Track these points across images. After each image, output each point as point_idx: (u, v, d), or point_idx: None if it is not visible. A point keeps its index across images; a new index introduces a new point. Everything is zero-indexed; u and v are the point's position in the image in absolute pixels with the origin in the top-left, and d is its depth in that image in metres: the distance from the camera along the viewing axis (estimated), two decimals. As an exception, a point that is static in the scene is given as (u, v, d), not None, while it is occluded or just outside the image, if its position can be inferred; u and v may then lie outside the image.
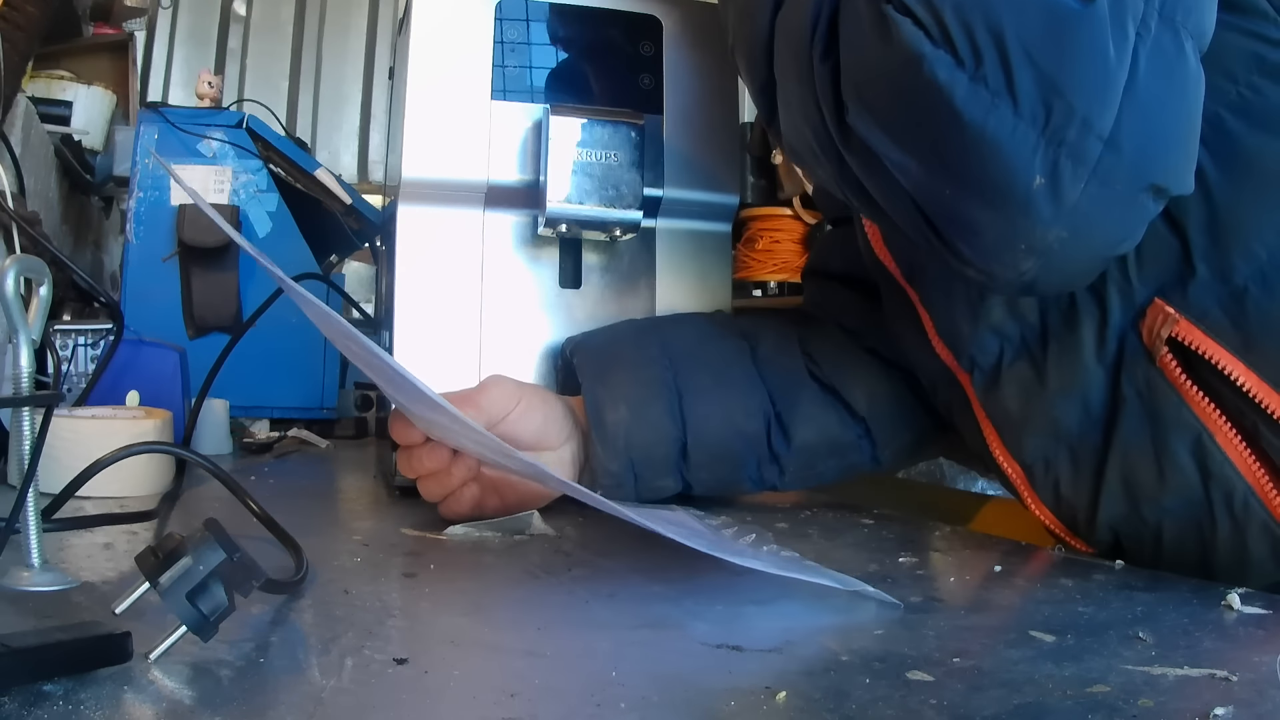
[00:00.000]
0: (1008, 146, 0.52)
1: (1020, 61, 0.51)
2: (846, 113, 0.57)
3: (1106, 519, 0.72)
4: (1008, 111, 0.51)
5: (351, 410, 1.48)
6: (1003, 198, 0.54)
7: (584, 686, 0.44)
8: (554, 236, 0.95)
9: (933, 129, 0.54)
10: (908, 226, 0.61)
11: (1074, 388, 0.69)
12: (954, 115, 0.52)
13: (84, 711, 0.38)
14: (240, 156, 1.39)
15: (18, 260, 0.56)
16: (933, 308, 0.78)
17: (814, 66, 0.58)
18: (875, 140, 0.56)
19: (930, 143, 0.55)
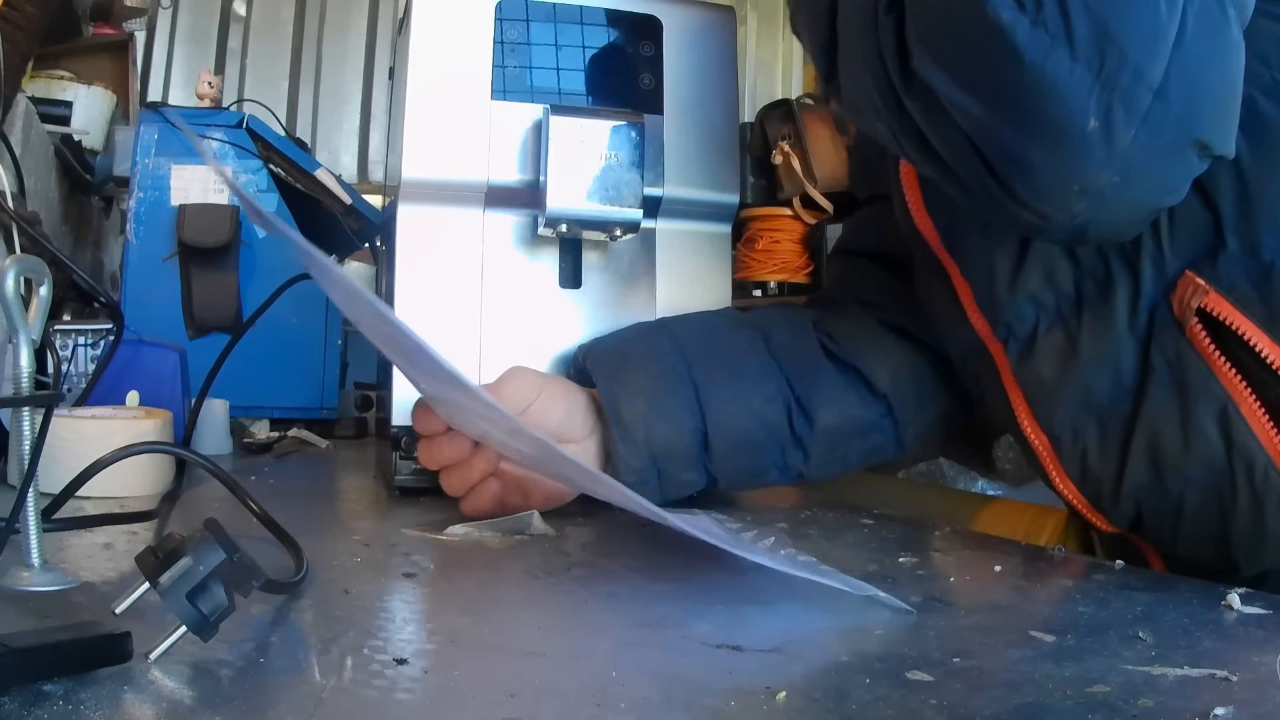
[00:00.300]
0: (1065, 88, 0.54)
1: (1078, 8, 0.53)
2: (910, 58, 0.59)
3: (1131, 489, 0.73)
4: (1065, 55, 0.53)
5: (351, 410, 1.48)
6: (1059, 138, 0.56)
7: (584, 686, 0.44)
8: (554, 236, 0.95)
9: (995, 70, 0.56)
10: (964, 170, 0.62)
11: (1106, 357, 0.70)
12: (1015, 56, 0.54)
13: (84, 711, 0.38)
14: (240, 156, 1.39)
15: (18, 260, 0.56)
16: (971, 276, 0.79)
17: (878, 18, 0.60)
18: (938, 82, 0.58)
19: (992, 83, 0.56)
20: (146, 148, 1.37)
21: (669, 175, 0.97)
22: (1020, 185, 0.59)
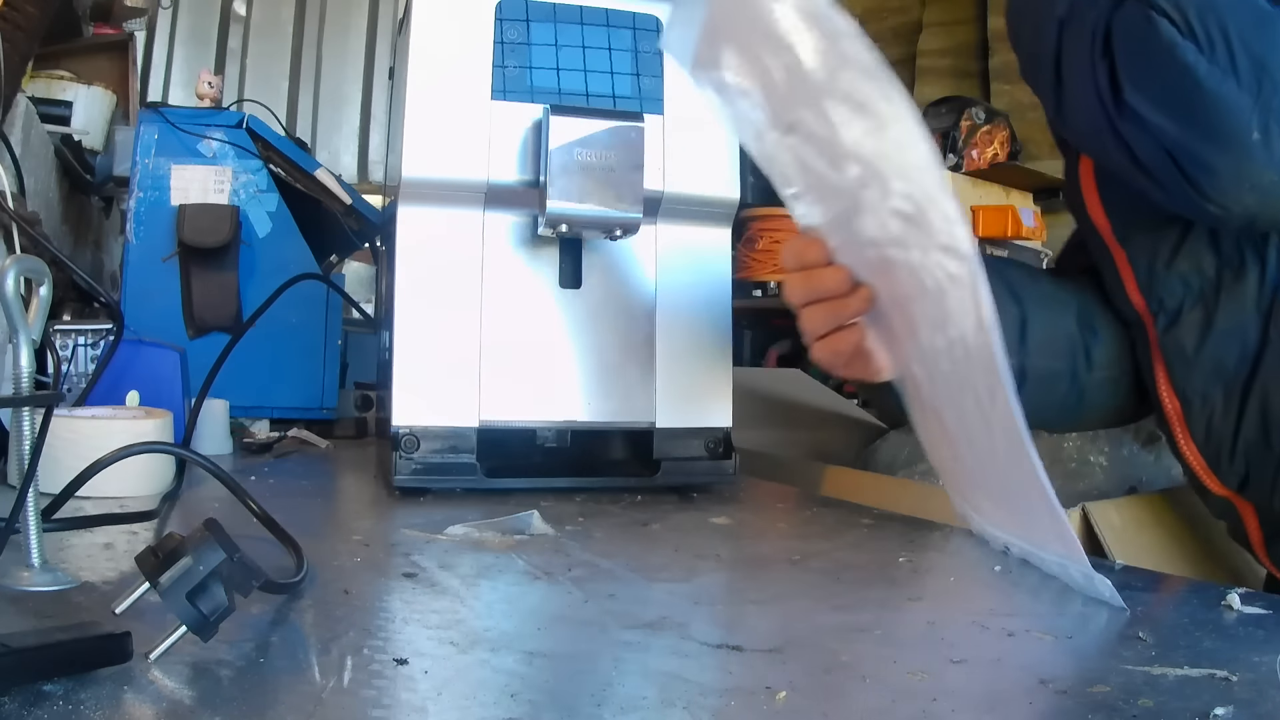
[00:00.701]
0: (1235, 109, 0.72)
1: (1240, 48, 0.71)
2: (1122, 93, 0.76)
3: (1243, 447, 0.84)
4: (1234, 84, 0.71)
5: (351, 410, 1.48)
6: (1232, 146, 0.73)
7: (584, 686, 0.44)
8: (554, 236, 0.95)
9: (1184, 97, 0.74)
10: (1164, 177, 0.78)
11: (1235, 330, 0.84)
12: (1198, 86, 0.72)
13: (84, 711, 0.38)
14: (240, 156, 1.39)
15: (18, 260, 0.56)
16: (1135, 262, 0.92)
17: (1094, 65, 0.78)
18: (1144, 109, 0.76)
19: (1183, 108, 0.74)
20: (146, 148, 1.36)
21: (669, 175, 0.97)
22: (1206, 185, 0.75)
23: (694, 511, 0.92)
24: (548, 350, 0.97)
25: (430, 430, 0.93)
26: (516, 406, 0.95)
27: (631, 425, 0.98)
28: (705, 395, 1.00)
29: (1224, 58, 0.71)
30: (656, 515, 0.89)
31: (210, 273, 1.35)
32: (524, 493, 0.94)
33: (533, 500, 0.88)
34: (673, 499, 0.97)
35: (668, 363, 0.99)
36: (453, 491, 0.94)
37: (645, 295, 1.00)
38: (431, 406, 0.94)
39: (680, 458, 0.98)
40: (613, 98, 0.97)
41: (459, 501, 0.90)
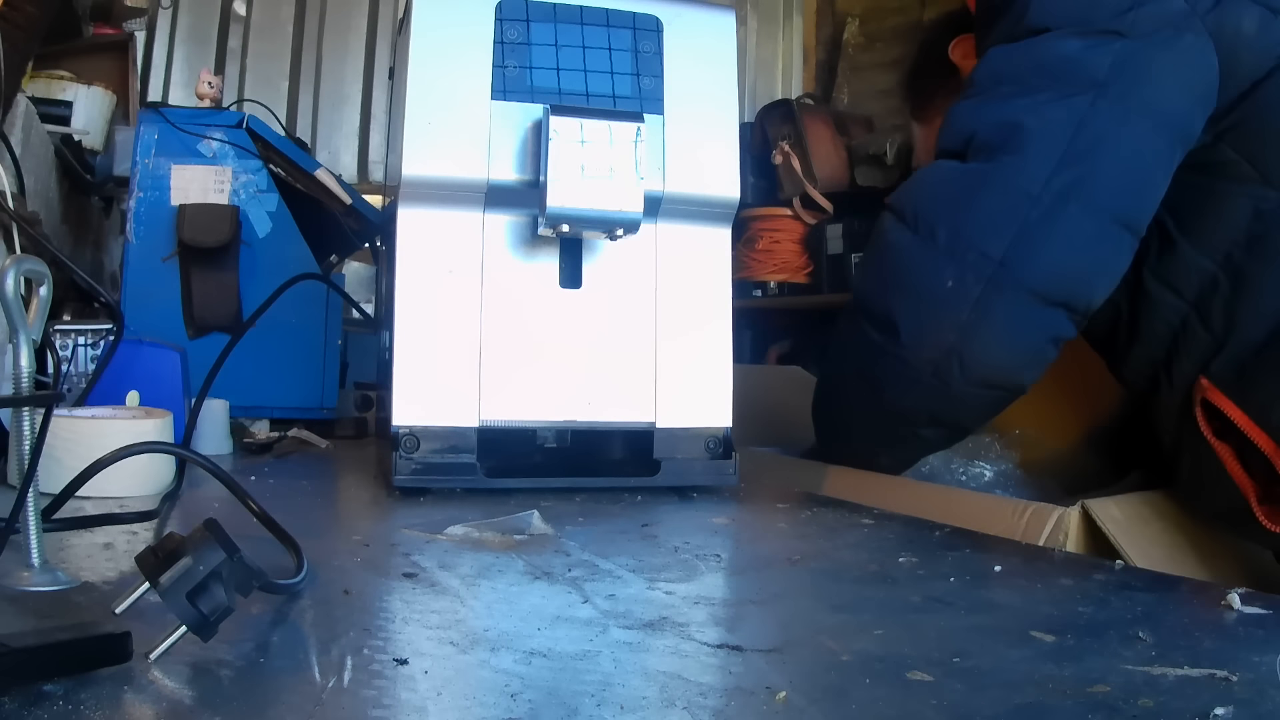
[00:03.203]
0: (931, 267, 0.91)
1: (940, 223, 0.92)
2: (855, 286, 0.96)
3: None
4: (933, 248, 0.91)
5: (351, 410, 1.48)
6: (932, 295, 0.91)
7: (584, 686, 0.44)
8: (554, 236, 0.95)
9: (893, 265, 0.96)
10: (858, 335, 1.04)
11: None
12: (902, 254, 0.95)
13: (84, 711, 0.38)
14: (240, 156, 1.39)
15: (18, 260, 0.56)
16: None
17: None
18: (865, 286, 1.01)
19: (892, 273, 0.96)
20: (146, 148, 1.36)
21: (669, 175, 0.97)
22: (905, 333, 0.92)
23: (694, 511, 0.92)
24: (548, 350, 0.97)
25: (430, 430, 0.93)
26: (516, 406, 0.95)
27: (631, 425, 0.98)
28: (705, 395, 1.00)
29: (926, 231, 0.91)
30: (656, 515, 0.89)
31: (210, 273, 1.35)
32: (524, 493, 0.94)
33: (533, 500, 0.88)
34: (673, 499, 0.97)
35: (668, 363, 0.99)
36: (453, 491, 0.94)
37: (645, 295, 1.00)
38: (431, 406, 0.94)
39: (680, 458, 0.98)
40: (613, 98, 0.97)
41: (459, 501, 0.90)
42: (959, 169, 0.91)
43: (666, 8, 1.00)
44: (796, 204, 3.20)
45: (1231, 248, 0.92)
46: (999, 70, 0.93)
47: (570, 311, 0.98)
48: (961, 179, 0.91)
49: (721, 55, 1.02)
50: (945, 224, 0.90)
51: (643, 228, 0.95)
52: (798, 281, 3.22)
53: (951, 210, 0.90)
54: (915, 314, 0.92)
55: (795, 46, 4.12)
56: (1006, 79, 0.92)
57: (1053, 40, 0.90)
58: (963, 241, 0.88)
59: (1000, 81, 0.92)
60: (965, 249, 0.88)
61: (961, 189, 0.90)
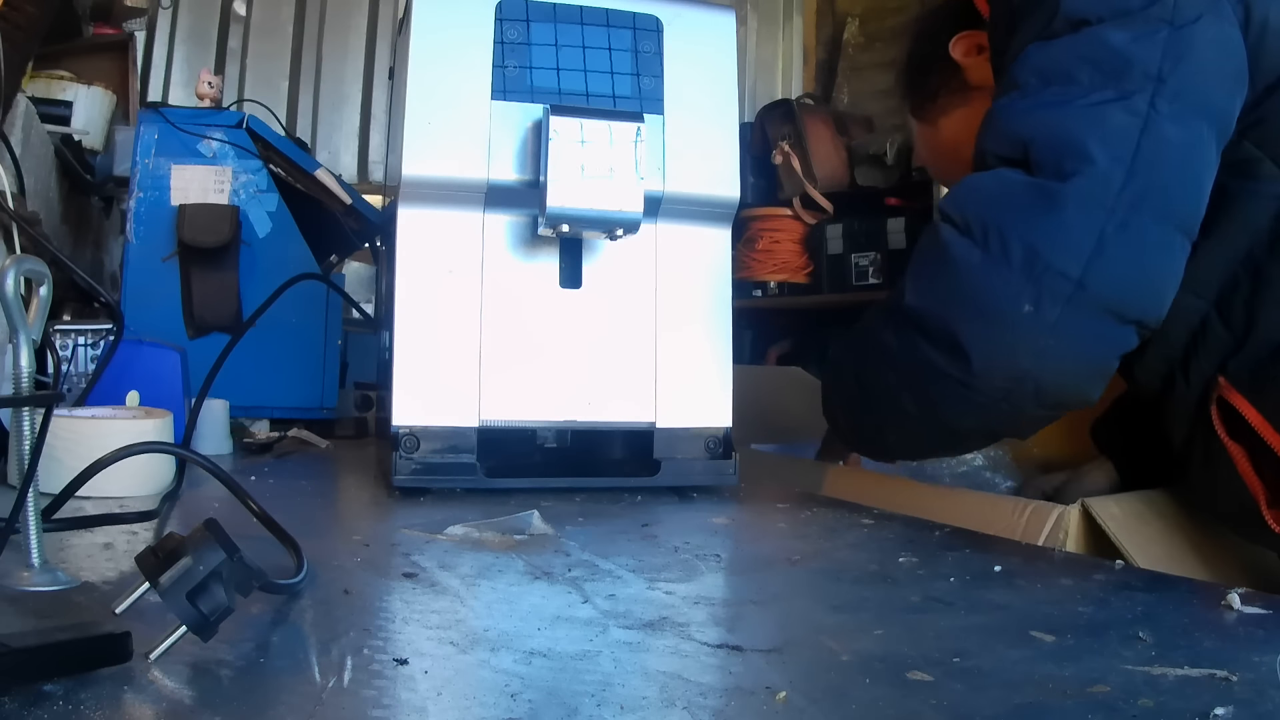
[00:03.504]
0: (1006, 290, 0.83)
1: (1013, 240, 0.83)
2: (903, 298, 0.89)
3: None
4: (1006, 269, 0.83)
5: (351, 410, 1.48)
6: (1005, 320, 0.84)
7: (584, 686, 0.44)
8: (554, 236, 0.95)
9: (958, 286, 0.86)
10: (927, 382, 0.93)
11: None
12: (970, 274, 0.85)
13: (84, 711, 0.38)
14: (240, 156, 1.39)
15: (18, 260, 0.56)
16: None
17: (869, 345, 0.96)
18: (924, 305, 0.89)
19: (957, 295, 0.87)
20: (146, 148, 1.36)
21: (669, 175, 0.97)
22: (977, 359, 0.84)
23: (694, 511, 0.92)
24: (548, 350, 0.97)
25: (430, 430, 0.93)
26: (516, 406, 0.95)
27: (631, 425, 0.98)
28: (705, 395, 1.00)
29: (998, 249, 0.83)
30: (656, 515, 0.89)
31: (210, 273, 1.35)
32: (524, 493, 0.94)
33: (533, 500, 0.88)
34: (673, 499, 0.97)
35: (668, 363, 0.99)
36: (453, 491, 0.94)
37: (645, 295, 1.00)
38: (431, 406, 0.94)
39: (680, 458, 0.98)
40: (613, 98, 0.97)
41: (459, 501, 0.90)
42: (1028, 183, 0.85)
43: (666, 8, 1.00)
44: (796, 204, 3.20)
45: (1253, 246, 0.90)
46: (1044, 68, 0.88)
47: (570, 311, 0.98)
48: (1032, 192, 0.84)
49: (721, 55, 1.02)
50: (1019, 241, 0.82)
51: (643, 228, 0.95)
52: (798, 281, 3.22)
53: (1025, 226, 0.83)
54: (988, 341, 0.85)
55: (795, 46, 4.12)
56: (1055, 78, 0.87)
57: (1098, 32, 0.86)
58: (1041, 261, 0.82)
59: (1049, 81, 0.87)
60: (1043, 270, 0.81)
61: (1033, 203, 0.84)
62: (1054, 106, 0.85)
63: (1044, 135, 0.85)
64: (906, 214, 2.98)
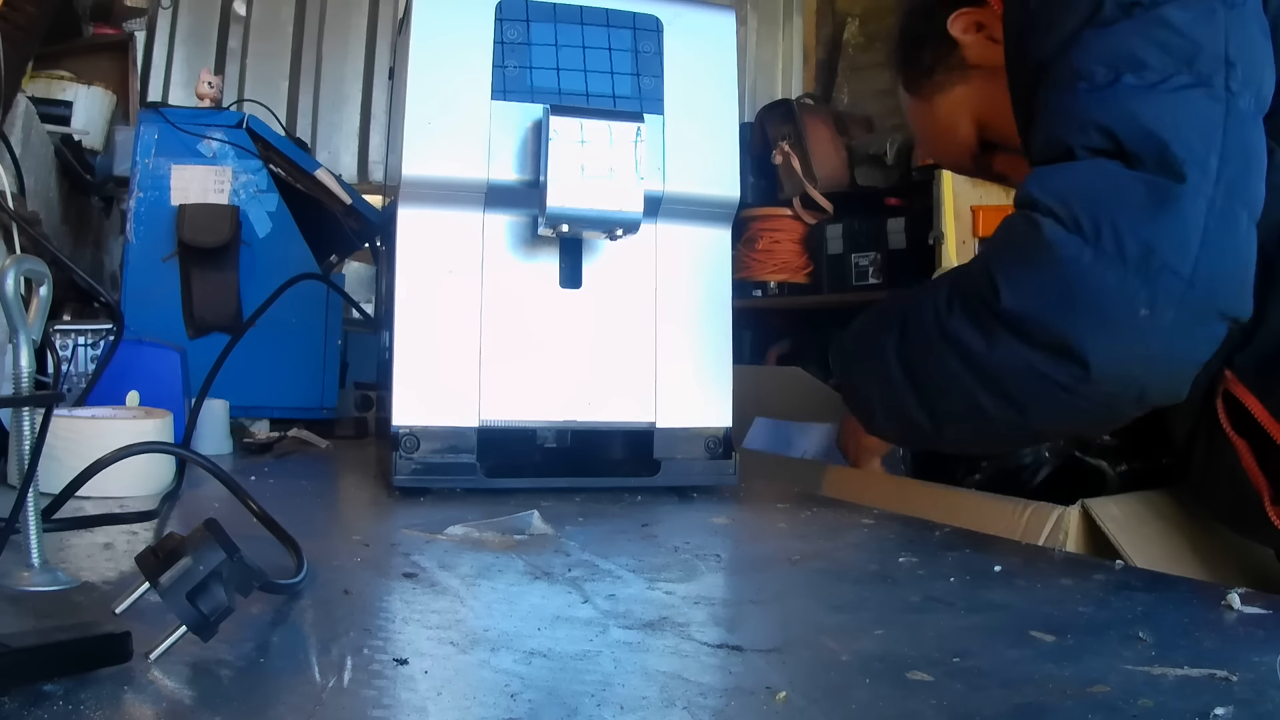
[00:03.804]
0: (1121, 291, 0.77)
1: (1128, 236, 0.77)
2: (1000, 300, 0.81)
3: None
4: (1120, 268, 0.77)
5: (351, 410, 1.48)
6: (1121, 325, 0.78)
7: (584, 686, 0.44)
8: (554, 236, 0.95)
9: (1065, 288, 0.80)
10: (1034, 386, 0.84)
11: None
12: (1081, 275, 0.78)
13: (84, 711, 0.38)
14: (240, 156, 1.39)
15: (18, 260, 0.56)
16: None
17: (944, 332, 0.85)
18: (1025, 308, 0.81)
19: (1064, 298, 0.80)
20: (146, 148, 1.36)
21: (669, 175, 0.97)
22: (1095, 365, 0.78)
23: (694, 511, 0.92)
24: (548, 350, 0.97)
25: (430, 430, 0.93)
26: (516, 406, 0.95)
27: (631, 425, 0.98)
28: (705, 395, 1.00)
29: (1111, 246, 0.77)
30: (656, 515, 0.89)
31: (210, 273, 1.35)
32: (524, 493, 0.94)
33: (533, 500, 0.88)
34: (673, 499, 0.97)
35: (668, 363, 0.99)
36: (453, 491, 0.94)
37: (645, 295, 1.00)
38: (431, 406, 0.94)
39: (680, 458, 0.98)
40: (613, 98, 0.97)
41: (459, 501, 0.90)
42: (1135, 177, 0.80)
43: (666, 8, 1.00)
44: (796, 204, 3.20)
45: (1264, 240, 0.86)
46: (1109, 55, 0.83)
47: (570, 311, 0.98)
48: (1143, 188, 0.79)
49: (721, 55, 1.02)
50: (1134, 239, 0.77)
51: (643, 228, 0.95)
52: (798, 281, 3.22)
53: (1140, 223, 0.78)
54: (1108, 348, 0.79)
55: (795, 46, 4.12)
56: (1125, 64, 0.82)
57: (1158, 14, 0.83)
58: (1157, 259, 0.77)
59: (1118, 68, 0.82)
60: (1159, 269, 0.77)
61: (1146, 199, 0.79)
62: (1135, 95, 0.81)
63: (1134, 126, 0.80)
64: (906, 214, 2.98)
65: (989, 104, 1.03)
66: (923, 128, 1.14)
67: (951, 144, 1.09)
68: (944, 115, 1.08)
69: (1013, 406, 0.84)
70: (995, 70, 0.99)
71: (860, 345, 0.96)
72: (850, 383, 0.99)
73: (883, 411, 0.95)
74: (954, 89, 1.07)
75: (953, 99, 1.07)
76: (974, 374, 0.85)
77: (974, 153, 1.09)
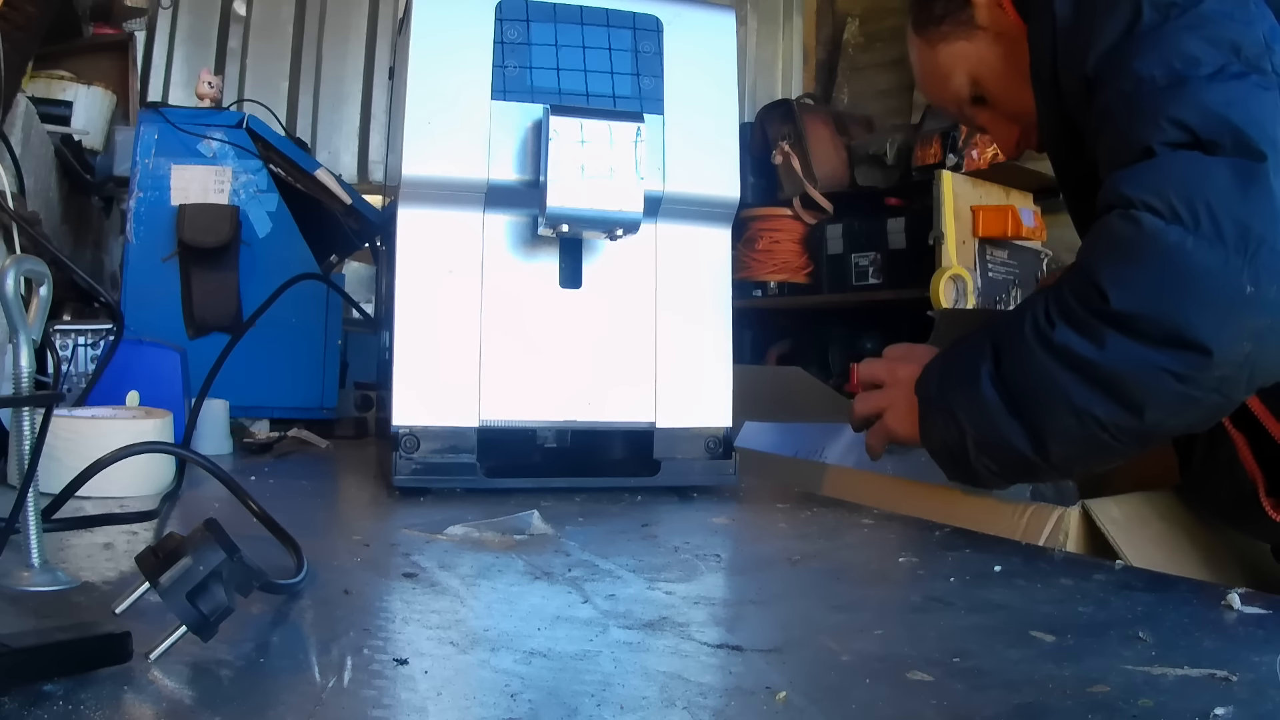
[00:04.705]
0: (1226, 273, 0.78)
1: (1225, 218, 0.79)
2: (1108, 301, 0.81)
3: None
4: (1222, 251, 0.78)
5: (351, 410, 1.48)
6: (1231, 306, 0.79)
7: (584, 686, 0.44)
8: (554, 236, 0.95)
9: (1174, 277, 0.81)
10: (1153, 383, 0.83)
11: None
12: (1188, 261, 0.79)
13: (84, 711, 0.38)
14: (240, 156, 1.39)
15: (18, 260, 0.56)
16: None
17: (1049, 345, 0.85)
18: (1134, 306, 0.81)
19: (1174, 287, 0.81)
20: (146, 148, 1.36)
21: (669, 175, 0.97)
22: (1212, 347, 0.79)
23: (694, 511, 0.92)
24: (548, 350, 0.97)
25: (430, 430, 0.93)
26: (516, 406, 0.95)
27: (631, 425, 0.98)
28: (705, 395, 1.00)
29: (1210, 229, 0.79)
30: (656, 515, 0.89)
31: (210, 273, 1.35)
32: (524, 493, 0.94)
33: (533, 500, 0.88)
34: (673, 499, 0.97)
35: (668, 363, 0.99)
36: (453, 491, 0.94)
37: (645, 295, 1.00)
38: (431, 406, 0.94)
39: (680, 458, 0.98)
40: (613, 98, 0.97)
41: (459, 501, 0.90)
42: (1220, 161, 0.82)
43: (666, 8, 1.00)
44: (796, 204, 3.20)
45: None
46: (1162, 56, 0.86)
47: (570, 311, 0.98)
48: (1229, 170, 0.82)
49: (721, 55, 1.02)
50: (1230, 218, 0.80)
51: (643, 228, 0.95)
52: (798, 281, 3.22)
53: (1232, 202, 0.81)
54: (1221, 329, 0.81)
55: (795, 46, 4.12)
56: (1181, 62, 0.86)
57: (1199, 10, 0.86)
58: (1255, 236, 0.79)
59: (1176, 67, 0.86)
60: (1257, 245, 0.79)
61: (1234, 180, 0.81)
62: (1199, 87, 0.84)
63: (1207, 115, 0.83)
64: (906, 214, 2.98)
65: (987, 65, 1.05)
66: (921, 68, 1.16)
67: (944, 90, 1.11)
68: (943, 63, 1.10)
69: (1129, 409, 0.84)
70: (999, 35, 1.03)
71: (943, 386, 0.94)
72: (931, 431, 0.94)
73: (976, 447, 0.91)
74: (957, 43, 1.08)
75: (954, 51, 1.08)
76: (1088, 382, 0.85)
77: (962, 103, 1.10)
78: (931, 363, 0.96)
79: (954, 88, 1.09)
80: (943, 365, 0.95)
